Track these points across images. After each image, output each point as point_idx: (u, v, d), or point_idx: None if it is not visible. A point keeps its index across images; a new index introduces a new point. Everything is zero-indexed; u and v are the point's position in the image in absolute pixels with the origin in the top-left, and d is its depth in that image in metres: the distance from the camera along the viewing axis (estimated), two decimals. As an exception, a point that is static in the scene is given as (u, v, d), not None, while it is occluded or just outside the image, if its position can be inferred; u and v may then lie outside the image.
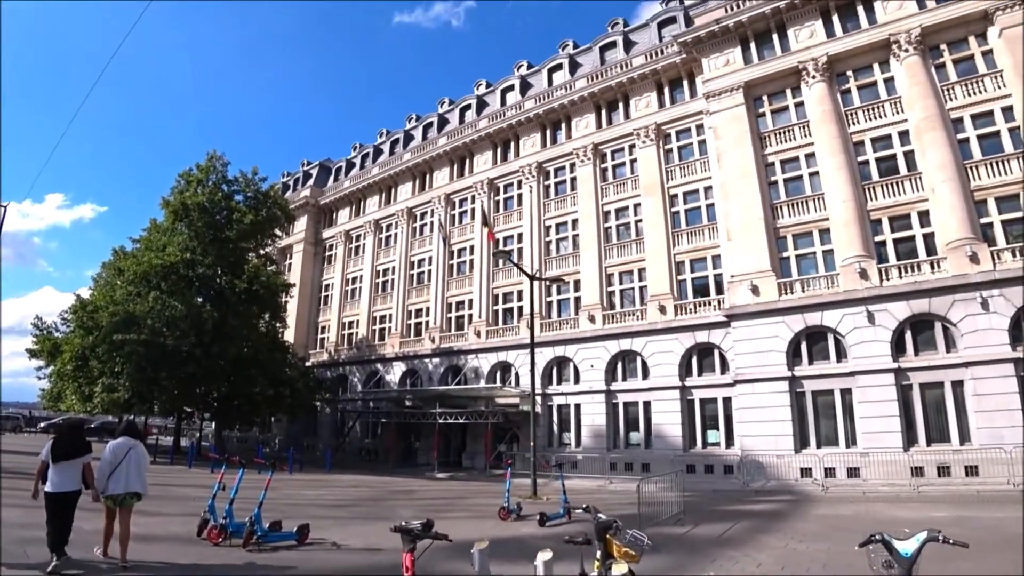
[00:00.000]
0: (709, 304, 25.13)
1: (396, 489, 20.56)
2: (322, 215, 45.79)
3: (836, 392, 21.12)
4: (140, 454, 8.18)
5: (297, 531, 9.64)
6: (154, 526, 10.35)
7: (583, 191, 30.30)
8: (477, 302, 33.02)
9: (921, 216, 21.56)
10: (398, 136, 43.15)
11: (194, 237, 29.32)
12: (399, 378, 35.60)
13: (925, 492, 17.40)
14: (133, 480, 7.87)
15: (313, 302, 43.82)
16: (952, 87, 22.09)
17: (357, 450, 35.66)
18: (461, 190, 36.02)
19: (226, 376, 29.08)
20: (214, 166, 30.78)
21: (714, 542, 10.54)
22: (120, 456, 7.86)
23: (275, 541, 9.36)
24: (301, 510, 13.02)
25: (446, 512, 14.45)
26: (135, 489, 7.89)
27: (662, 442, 24.65)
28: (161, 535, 9.68)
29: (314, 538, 9.80)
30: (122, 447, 7.95)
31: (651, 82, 29.26)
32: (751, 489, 19.72)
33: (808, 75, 24.23)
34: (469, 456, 30.94)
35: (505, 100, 36.16)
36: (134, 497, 7.94)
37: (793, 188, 24.13)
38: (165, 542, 9.11)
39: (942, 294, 19.90)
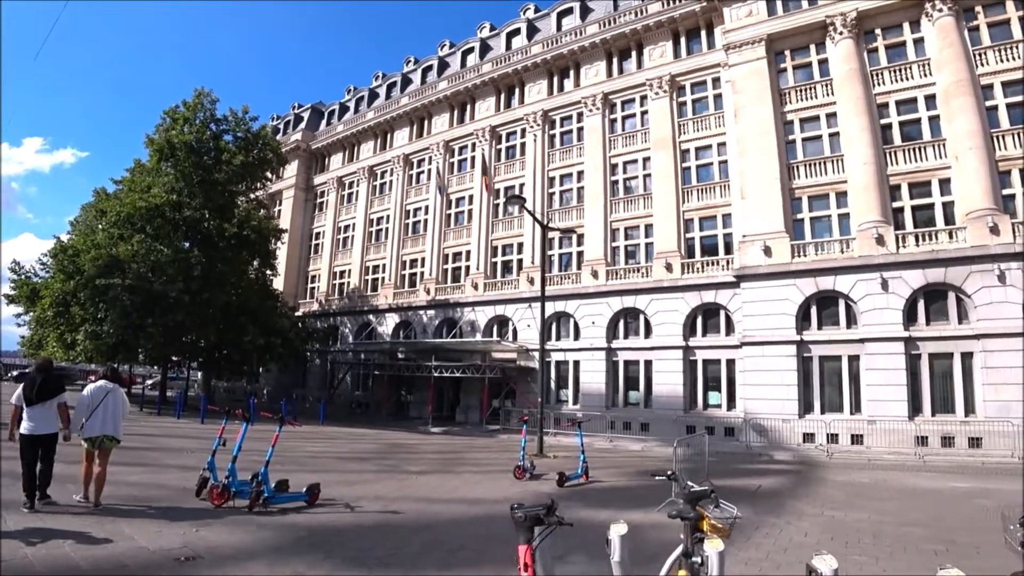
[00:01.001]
0: (717, 264, 24.57)
1: (394, 443, 20.15)
2: (313, 160, 44.06)
3: (844, 358, 20.87)
4: (118, 399, 8.32)
5: (307, 491, 8.99)
6: (148, 485, 9.71)
7: (590, 142, 29.17)
8: (475, 254, 32.17)
9: (942, 184, 20.95)
10: (395, 79, 41.20)
11: (180, 178, 27.84)
12: (392, 330, 34.94)
13: (930, 462, 17.33)
14: (109, 423, 8.04)
15: (303, 250, 42.58)
16: (984, 52, 21.16)
17: (347, 402, 35.20)
18: (461, 137, 34.63)
19: (215, 324, 28.18)
20: (202, 103, 29.01)
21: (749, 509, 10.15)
22: (98, 399, 8.04)
23: (283, 503, 8.67)
24: (303, 466, 12.46)
25: (454, 469, 14.05)
26: (110, 432, 8.05)
27: (662, 402, 24.42)
28: (156, 495, 8.94)
29: (324, 498, 9.18)
30: (100, 390, 8.14)
31: (667, 30, 27.85)
32: (755, 452, 19.59)
33: (835, 31, 23.08)
34: (463, 411, 30.66)
35: (511, 44, 34.44)
36: (112, 440, 8.13)
37: (812, 148, 23.29)
38: (162, 504, 8.36)
39: (959, 264, 19.49)
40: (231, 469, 8.43)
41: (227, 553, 6.32)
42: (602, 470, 14.33)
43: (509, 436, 24.61)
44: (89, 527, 6.79)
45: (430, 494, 10.53)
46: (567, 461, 16.00)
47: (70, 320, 26.41)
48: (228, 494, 8.37)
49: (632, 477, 14.00)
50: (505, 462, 15.88)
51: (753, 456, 19.10)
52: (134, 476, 10.27)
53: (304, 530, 7.49)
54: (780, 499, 10.99)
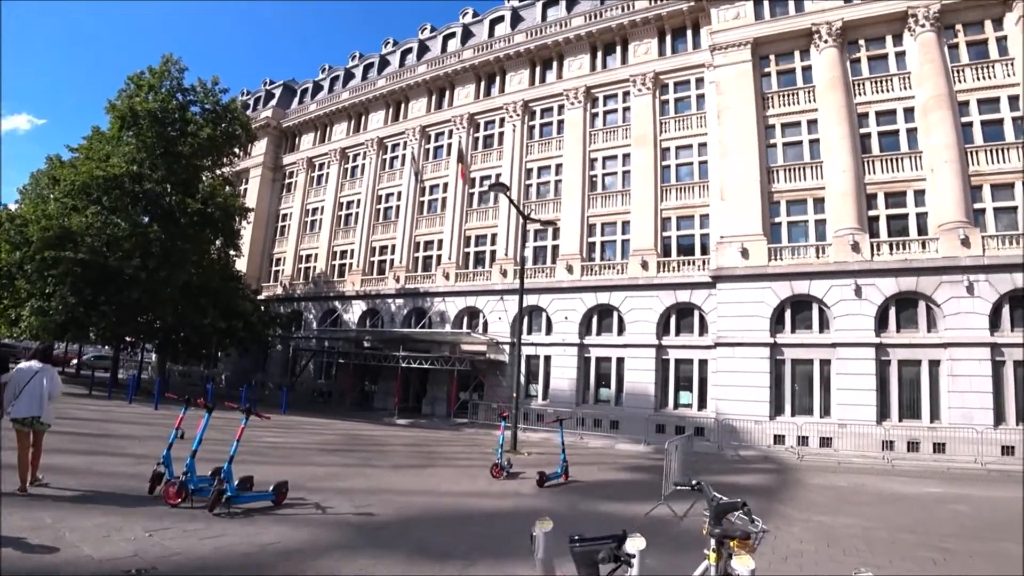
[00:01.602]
0: (693, 264, 24.53)
1: (361, 436, 19.43)
2: (283, 139, 42.50)
3: (816, 362, 21.05)
4: (50, 380, 7.96)
5: (274, 490, 8.21)
6: (94, 477, 8.89)
7: (570, 135, 28.77)
8: (448, 243, 31.49)
9: (917, 195, 21.30)
10: (372, 60, 40.00)
11: (143, 148, 26.31)
12: (358, 318, 34.02)
13: (898, 466, 17.60)
14: (35, 405, 7.68)
15: (269, 232, 41.07)
16: (962, 69, 21.62)
17: (309, 391, 34.14)
18: (438, 123, 33.82)
19: (173, 304, 26.87)
20: (169, 71, 27.46)
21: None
22: (24, 379, 7.71)
23: (248, 502, 7.88)
24: (266, 459, 11.76)
25: (427, 465, 13.49)
26: (35, 414, 7.69)
27: (634, 400, 24.29)
28: (103, 490, 8.10)
29: (292, 497, 8.48)
30: (29, 370, 7.82)
31: (653, 27, 27.60)
32: (727, 453, 19.57)
33: (820, 39, 23.20)
34: (429, 402, 30.06)
35: (493, 31, 33.76)
36: (40, 424, 7.79)
37: (792, 153, 23.39)
38: (110, 502, 7.52)
39: (931, 274, 19.86)
40: (189, 464, 7.59)
41: (185, 564, 5.63)
42: (577, 467, 13.95)
43: (478, 430, 24.19)
44: (26, 531, 5.99)
45: (405, 492, 9.99)
46: (542, 458, 15.67)
47: (15, 294, 24.84)
48: (186, 492, 7.58)
49: (610, 475, 13.71)
50: (478, 458, 15.47)
51: (726, 457, 19.06)
52: (79, 467, 9.44)
53: (273, 535, 6.85)
54: (765, 503, 10.77)
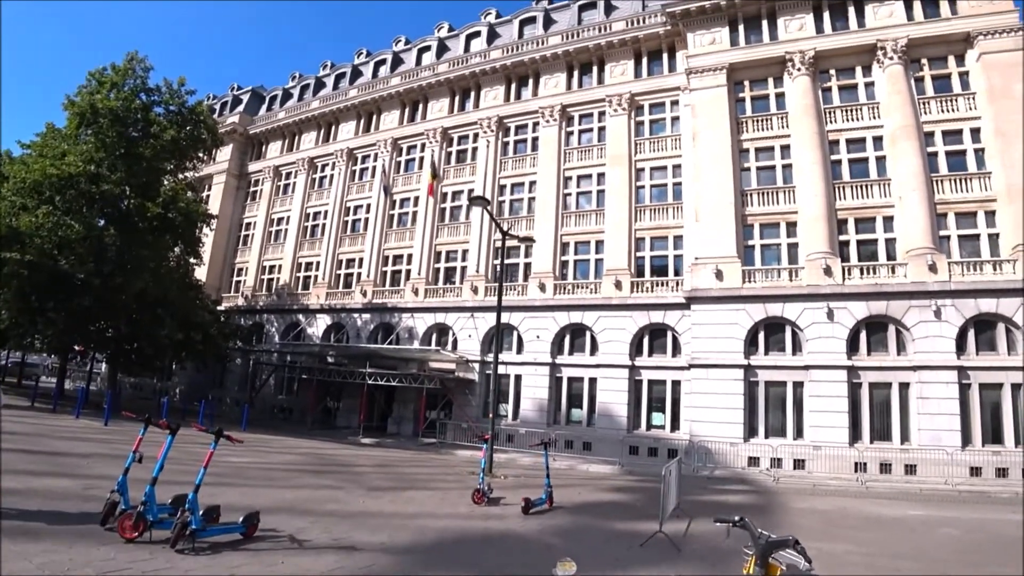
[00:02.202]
0: (666, 285, 24.49)
1: (328, 456, 18.50)
2: (250, 146, 41.23)
3: (789, 384, 21.14)
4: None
5: (243, 522, 7.39)
6: (37, 499, 7.99)
7: (545, 153, 28.65)
8: (417, 258, 30.82)
9: (886, 221, 21.79)
10: (344, 70, 39.34)
11: (102, 148, 24.92)
12: (323, 332, 32.90)
13: (873, 488, 17.62)
14: None
15: (231, 241, 39.59)
16: (928, 102, 22.42)
17: (269, 407, 32.73)
18: (411, 136, 33.31)
19: (128, 313, 25.47)
20: (133, 69, 26.22)
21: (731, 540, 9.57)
22: None
23: (215, 536, 7.06)
24: (229, 482, 10.89)
25: (402, 490, 12.71)
26: None
27: (606, 421, 23.95)
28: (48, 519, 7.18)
29: (264, 529, 7.70)
30: None
31: (630, 49, 27.85)
32: (702, 476, 19.32)
33: (793, 67, 23.73)
34: (395, 421, 29.09)
35: (469, 47, 33.57)
36: None
37: (765, 177, 23.72)
38: (57, 535, 6.64)
39: (900, 298, 20.23)
40: (149, 493, 6.71)
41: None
42: (557, 490, 13.42)
43: (447, 451, 23.45)
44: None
45: (384, 522, 9.28)
46: (519, 482, 15.14)
47: (-46, 298, 23.10)
48: (144, 524, 6.68)
49: (593, 498, 13.23)
50: (454, 481, 14.83)
51: (702, 480, 18.78)
52: (19, 489, 8.45)
53: (247, 573, 6.13)
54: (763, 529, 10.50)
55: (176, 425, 7.16)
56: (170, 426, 7.14)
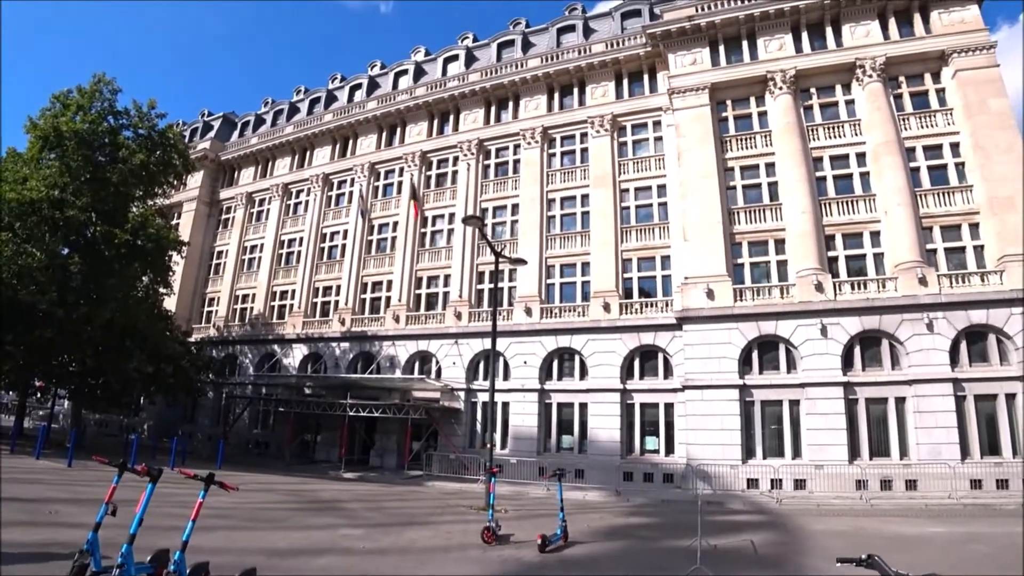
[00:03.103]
0: (654, 306, 24.10)
1: (313, 494, 17.25)
2: (221, 173, 40.08)
3: (785, 403, 20.73)
4: None
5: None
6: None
7: (527, 175, 28.33)
8: (398, 284, 29.95)
9: (873, 236, 21.84)
10: (319, 95, 38.75)
11: (66, 172, 23.69)
12: (299, 362, 31.58)
13: (877, 505, 17.17)
14: None
15: (202, 270, 38.11)
16: (907, 118, 22.78)
17: (244, 442, 31.06)
18: (388, 160, 32.74)
19: (94, 345, 23.98)
20: (100, 91, 25.15)
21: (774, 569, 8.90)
22: None
23: None
24: (212, 527, 9.69)
25: (400, 531, 11.64)
26: None
27: (598, 447, 23.17)
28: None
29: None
30: None
31: (610, 71, 27.92)
32: (703, 501, 18.57)
33: (775, 86, 23.96)
34: (378, 454, 27.82)
35: (447, 70, 33.37)
36: None
37: (751, 195, 23.69)
38: None
39: (892, 312, 20.12)
40: (126, 553, 5.45)
41: None
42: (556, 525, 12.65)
43: (435, 483, 22.34)
44: None
45: (392, 569, 8.29)
46: (521, 514, 14.25)
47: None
48: None
49: (605, 534, 12.39)
50: (454, 518, 13.85)
51: (704, 505, 18.05)
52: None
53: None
54: (793, 558, 9.88)
55: (157, 471, 5.89)
56: (150, 472, 5.87)
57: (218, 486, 5.93)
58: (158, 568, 6.01)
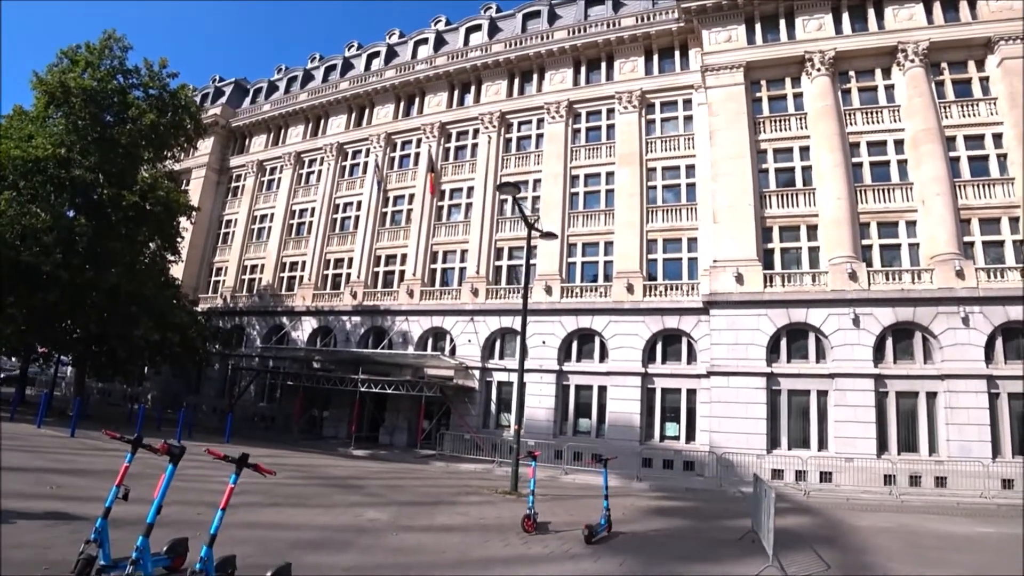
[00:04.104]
0: (679, 288, 23.52)
1: (326, 472, 16.66)
2: (232, 140, 39.14)
3: (812, 393, 20.26)
4: None
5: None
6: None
7: (550, 150, 27.55)
8: (412, 258, 29.28)
9: (908, 225, 21.21)
10: (335, 62, 37.68)
11: (73, 130, 22.93)
12: (308, 336, 31.02)
13: (908, 502, 16.77)
14: None
15: (210, 238, 37.33)
16: (949, 106, 22.03)
17: (250, 415, 30.54)
18: (406, 131, 31.85)
19: (99, 311, 23.35)
20: (109, 48, 24.24)
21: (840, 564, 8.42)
22: None
23: None
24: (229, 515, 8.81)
25: (429, 516, 11.06)
26: None
27: (617, 431, 22.74)
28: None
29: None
30: None
31: (640, 46, 27.03)
32: (729, 491, 18.21)
33: (813, 67, 23.16)
34: (388, 431, 27.37)
35: (469, 40, 32.38)
36: None
37: (783, 179, 23.02)
38: None
39: (927, 305, 19.58)
40: (142, 545, 4.72)
41: None
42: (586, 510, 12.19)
43: (449, 463, 21.90)
44: None
45: (431, 559, 7.68)
46: (548, 500, 13.72)
47: None
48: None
49: (645, 520, 11.90)
50: (481, 500, 13.35)
51: (727, 495, 17.67)
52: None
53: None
54: (852, 554, 9.41)
55: (179, 450, 4.98)
56: (171, 451, 4.91)
57: (252, 469, 5.10)
58: (175, 560, 5.42)
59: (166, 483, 4.87)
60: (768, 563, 7.71)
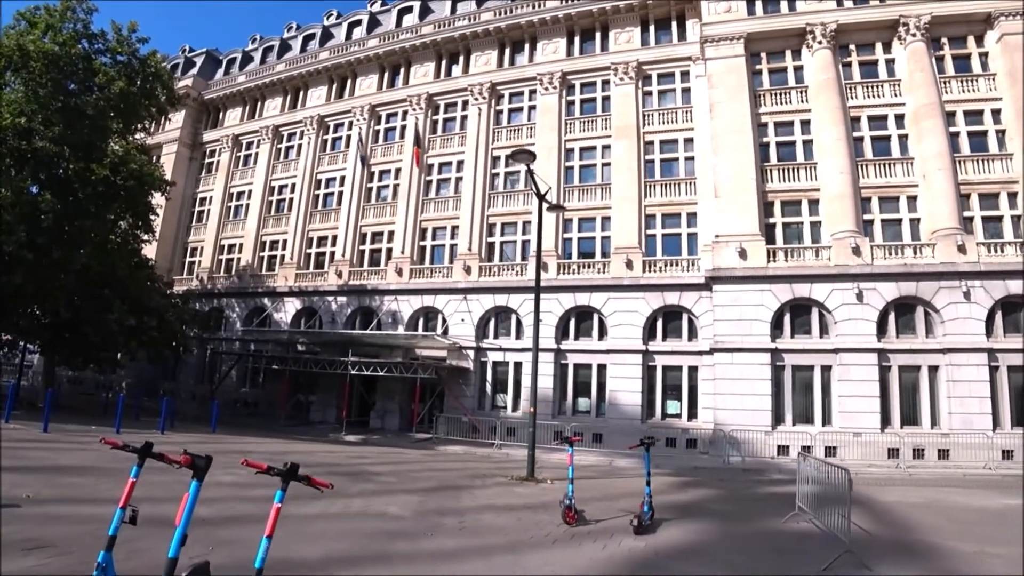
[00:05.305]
0: (679, 264, 23.17)
1: (326, 461, 15.45)
2: (204, 113, 37.12)
3: (816, 368, 20.20)
4: None
5: None
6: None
7: (543, 122, 26.73)
8: (400, 235, 28.29)
9: (909, 200, 21.15)
10: (313, 31, 35.95)
11: (34, 99, 21.14)
12: (291, 317, 29.89)
13: (916, 475, 16.83)
14: None
15: (183, 217, 35.50)
16: (949, 81, 21.94)
17: (232, 401, 29.23)
18: (391, 103, 30.60)
19: (68, 295, 21.86)
20: (72, 9, 22.39)
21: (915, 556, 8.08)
22: None
23: None
24: (245, 520, 7.68)
25: (452, 508, 10.03)
26: None
27: (617, 410, 22.42)
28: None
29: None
30: None
31: (636, 16, 26.27)
32: (736, 468, 18.04)
33: (814, 40, 22.79)
34: (379, 415, 26.60)
35: (456, 8, 31.12)
36: None
37: (785, 153, 22.73)
38: None
39: (930, 279, 19.63)
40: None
41: None
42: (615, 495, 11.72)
43: (448, 446, 21.29)
44: None
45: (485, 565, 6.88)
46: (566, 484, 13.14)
47: None
48: None
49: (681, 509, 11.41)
50: (500, 489, 12.68)
51: (736, 471, 17.49)
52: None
53: None
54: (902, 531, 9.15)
55: (204, 462, 3.73)
56: (195, 463, 3.71)
57: (304, 483, 3.97)
58: None
59: (190, 505, 3.67)
60: (845, 549, 7.30)
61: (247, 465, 3.93)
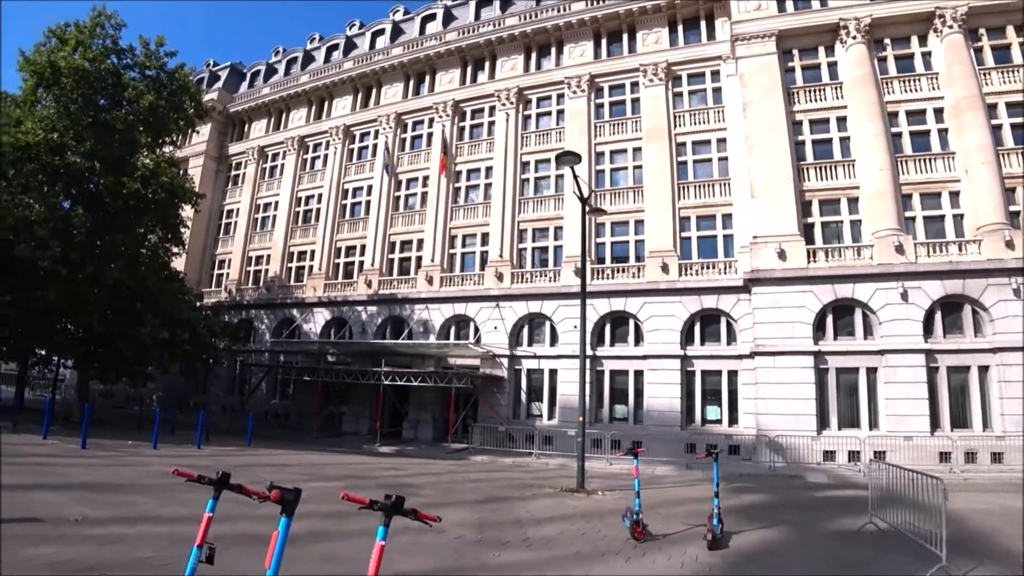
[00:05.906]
0: (715, 267, 22.87)
1: (370, 475, 15.40)
2: (230, 126, 37.48)
3: (861, 371, 19.78)
4: None
5: None
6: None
7: (572, 126, 26.56)
8: (430, 244, 28.24)
9: (952, 196, 20.69)
10: (337, 42, 36.12)
11: (65, 115, 21.46)
12: (321, 328, 29.95)
13: (971, 479, 16.36)
14: None
15: (211, 229, 35.83)
16: (989, 72, 21.42)
17: (262, 413, 29.09)
18: (417, 111, 30.62)
19: (101, 309, 22.05)
20: (102, 26, 22.66)
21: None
22: None
23: None
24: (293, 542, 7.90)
25: (512, 524, 9.96)
26: None
27: (655, 417, 22.14)
28: None
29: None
30: None
31: (664, 16, 26.04)
32: (783, 475, 17.71)
33: (848, 34, 22.40)
34: (411, 425, 26.49)
35: (479, 14, 31.09)
36: None
37: (821, 151, 22.35)
38: None
39: (977, 276, 19.15)
40: None
41: None
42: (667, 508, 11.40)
43: (485, 458, 21.00)
44: None
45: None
46: (618, 496, 12.93)
47: None
48: None
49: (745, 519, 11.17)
50: (549, 500, 12.38)
51: (784, 479, 17.16)
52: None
53: None
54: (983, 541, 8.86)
55: (294, 495, 3.20)
56: (284, 498, 3.17)
57: (411, 517, 3.48)
58: None
59: (280, 544, 3.12)
60: (941, 563, 7.05)
61: (348, 499, 3.38)
